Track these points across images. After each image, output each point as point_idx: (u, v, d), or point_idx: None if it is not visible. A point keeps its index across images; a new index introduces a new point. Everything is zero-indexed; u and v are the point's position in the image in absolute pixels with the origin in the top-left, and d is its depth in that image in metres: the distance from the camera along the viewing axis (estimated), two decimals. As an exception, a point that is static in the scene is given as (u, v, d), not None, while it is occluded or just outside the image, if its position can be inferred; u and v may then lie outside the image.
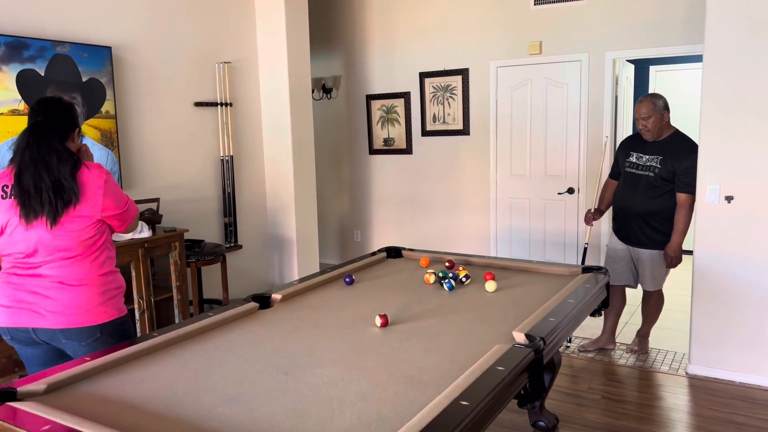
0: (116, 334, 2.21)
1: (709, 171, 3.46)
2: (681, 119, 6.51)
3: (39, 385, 1.67)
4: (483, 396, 1.55)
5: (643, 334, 3.95)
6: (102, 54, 3.69)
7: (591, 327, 4.15)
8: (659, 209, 3.57)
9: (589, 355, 3.88)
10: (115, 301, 2.22)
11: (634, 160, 3.66)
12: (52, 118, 2.10)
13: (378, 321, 2.19)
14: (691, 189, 3.50)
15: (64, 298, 2.10)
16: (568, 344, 4.04)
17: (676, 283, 4.94)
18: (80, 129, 2.23)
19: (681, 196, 3.52)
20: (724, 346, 3.52)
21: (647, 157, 3.60)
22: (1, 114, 3.22)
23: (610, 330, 3.93)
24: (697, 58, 5.78)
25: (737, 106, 3.34)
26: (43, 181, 2.00)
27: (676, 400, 3.31)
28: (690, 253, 3.66)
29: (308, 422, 1.49)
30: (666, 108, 3.57)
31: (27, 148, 2.03)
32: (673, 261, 3.60)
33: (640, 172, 3.62)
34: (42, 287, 2.10)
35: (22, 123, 3.30)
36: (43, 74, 3.39)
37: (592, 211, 3.96)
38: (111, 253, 2.24)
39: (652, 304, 3.84)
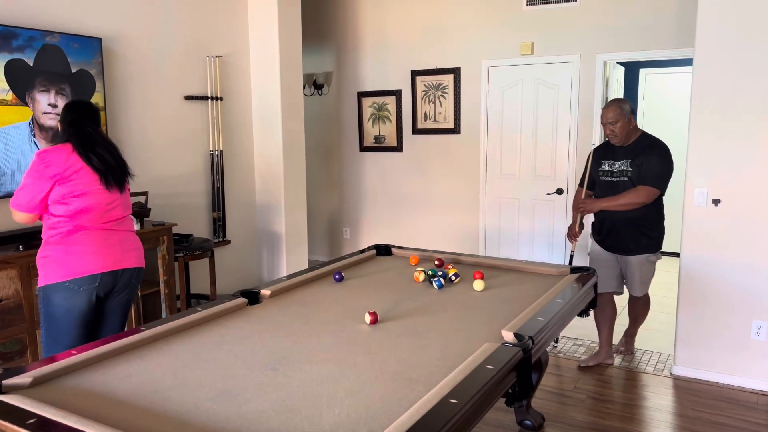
0: None
1: (697, 174, 3.49)
2: (669, 122, 6.60)
3: (24, 378, 1.65)
4: (472, 394, 1.55)
5: (630, 335, 3.95)
6: (92, 45, 3.66)
7: (578, 327, 4.18)
8: (643, 213, 3.50)
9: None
10: None
11: (607, 168, 3.60)
12: (90, 115, 2.67)
13: (367, 318, 2.19)
14: (650, 182, 3.40)
15: (136, 243, 2.78)
16: (555, 344, 4.06)
17: (662, 285, 4.98)
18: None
19: (639, 186, 3.44)
20: (708, 347, 3.56)
21: (619, 162, 3.54)
22: (-12, 104, 3.18)
23: (607, 342, 3.80)
24: (687, 62, 5.85)
25: (726, 110, 3.38)
26: (114, 157, 2.66)
27: (660, 401, 3.34)
28: (677, 255, 3.70)
29: (297, 418, 1.49)
30: (632, 112, 3.51)
31: (87, 134, 2.60)
32: (581, 208, 3.64)
33: (616, 179, 3.55)
34: (123, 234, 2.70)
35: (9, 113, 3.26)
36: (31, 64, 3.34)
37: (576, 228, 3.80)
38: None
39: (640, 306, 3.84)
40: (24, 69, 3.32)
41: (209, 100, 4.59)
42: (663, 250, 3.71)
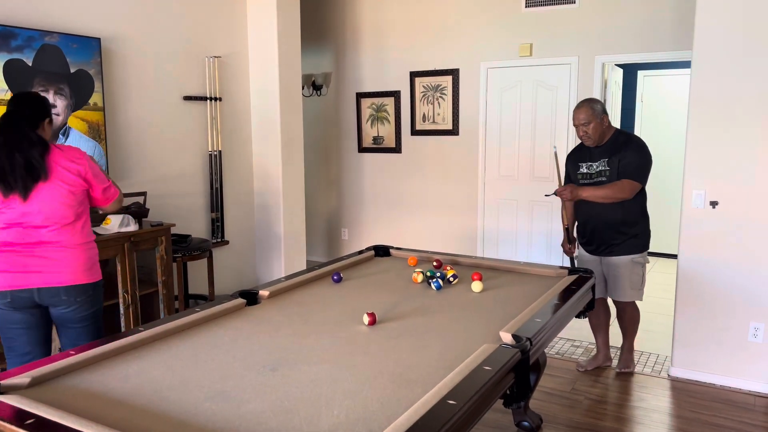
0: (98, 295, 2.62)
1: (695, 176, 3.50)
2: (667, 124, 6.61)
3: (23, 379, 1.65)
4: (470, 395, 1.55)
5: (627, 349, 3.75)
6: (91, 45, 3.66)
7: (576, 328, 4.18)
8: (625, 213, 3.42)
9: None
10: (98, 266, 2.62)
11: (585, 170, 3.51)
12: (23, 109, 2.44)
13: (366, 319, 2.19)
14: (630, 176, 3.32)
15: (66, 259, 2.47)
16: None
17: (659, 286, 5.00)
18: (51, 119, 2.54)
19: (622, 180, 3.34)
20: (706, 349, 3.57)
21: (596, 164, 3.47)
22: (-13, 103, 3.18)
23: (604, 345, 3.79)
24: (685, 64, 5.86)
25: (724, 113, 3.39)
26: (16, 160, 2.33)
27: (657, 402, 3.35)
28: (674, 257, 3.70)
29: (295, 419, 1.49)
30: (604, 111, 3.42)
31: (1, 134, 2.37)
32: (564, 193, 3.43)
33: (594, 180, 3.47)
34: (46, 251, 2.44)
35: (7, 113, 3.26)
36: (30, 64, 3.34)
37: (567, 245, 3.67)
38: (90, 226, 2.62)
39: (628, 318, 3.66)
40: (23, 69, 3.32)
41: (208, 100, 4.59)
42: (662, 251, 3.71)
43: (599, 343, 3.80)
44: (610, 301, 3.74)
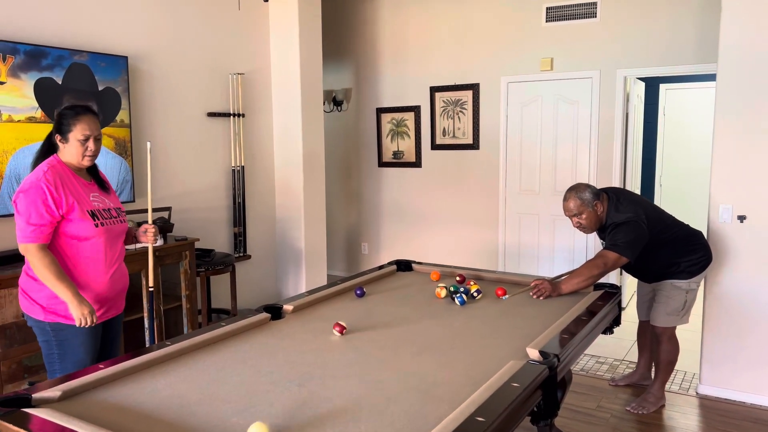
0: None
1: (722, 190, 3.45)
2: (690, 137, 6.55)
3: (54, 392, 1.67)
4: (499, 412, 1.54)
5: (652, 390, 3.43)
6: (118, 63, 3.73)
7: (601, 345, 4.12)
8: (656, 259, 3.23)
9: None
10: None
11: (602, 242, 3.28)
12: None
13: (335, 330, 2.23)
14: (612, 248, 3.02)
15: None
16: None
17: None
18: (56, 134, 2.54)
19: (600, 251, 3.08)
20: (735, 366, 3.49)
21: (603, 239, 3.26)
22: (19, 121, 3.25)
23: (645, 366, 3.70)
24: (707, 77, 5.81)
25: (750, 126, 3.34)
26: None
27: (686, 421, 3.28)
28: (701, 272, 3.64)
29: (323, 435, 1.49)
30: (596, 197, 3.10)
31: None
32: (543, 290, 2.85)
33: None
34: None
35: (38, 130, 3.33)
36: (60, 83, 3.42)
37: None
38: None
39: (662, 352, 3.38)
40: (53, 87, 3.39)
41: (231, 116, 4.65)
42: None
43: (640, 362, 3.73)
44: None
